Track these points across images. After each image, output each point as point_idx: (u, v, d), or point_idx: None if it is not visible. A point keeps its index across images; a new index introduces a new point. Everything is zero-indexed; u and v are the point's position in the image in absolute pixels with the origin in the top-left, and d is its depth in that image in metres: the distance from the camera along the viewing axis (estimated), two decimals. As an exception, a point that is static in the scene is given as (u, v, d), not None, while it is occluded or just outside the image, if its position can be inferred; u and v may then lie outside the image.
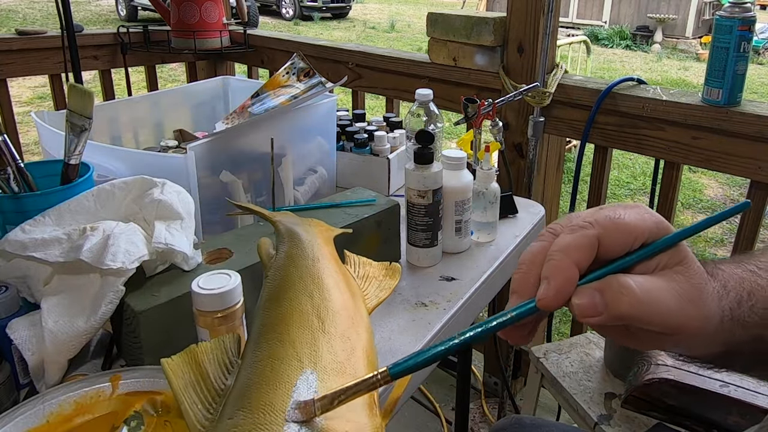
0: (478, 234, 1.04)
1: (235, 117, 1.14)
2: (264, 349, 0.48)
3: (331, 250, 0.69)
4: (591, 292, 0.37)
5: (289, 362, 0.46)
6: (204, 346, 0.48)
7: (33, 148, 4.30)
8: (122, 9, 10.62)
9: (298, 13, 12.13)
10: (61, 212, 0.70)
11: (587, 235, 0.38)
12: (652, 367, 1.10)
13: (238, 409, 0.42)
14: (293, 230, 0.71)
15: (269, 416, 0.40)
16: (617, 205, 0.41)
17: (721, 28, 1.22)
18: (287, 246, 0.67)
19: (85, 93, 0.79)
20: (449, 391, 1.89)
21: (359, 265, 0.69)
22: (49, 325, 0.63)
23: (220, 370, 0.47)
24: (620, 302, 0.37)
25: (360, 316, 0.56)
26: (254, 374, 0.45)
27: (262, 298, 0.58)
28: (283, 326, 0.50)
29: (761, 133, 1.22)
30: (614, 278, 0.38)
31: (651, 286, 0.38)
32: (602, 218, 0.39)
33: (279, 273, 0.60)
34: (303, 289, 0.56)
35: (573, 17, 11.90)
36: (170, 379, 0.45)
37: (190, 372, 0.46)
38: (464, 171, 0.96)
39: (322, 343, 0.49)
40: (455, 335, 0.39)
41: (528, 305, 0.39)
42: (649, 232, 0.39)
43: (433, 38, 1.71)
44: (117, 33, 2.22)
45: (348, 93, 2.98)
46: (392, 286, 0.66)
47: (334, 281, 0.60)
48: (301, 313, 0.52)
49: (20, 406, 0.56)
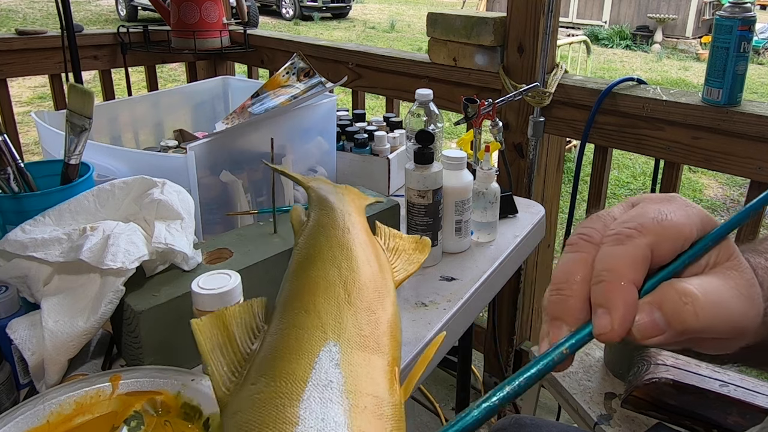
0: (478, 234, 1.04)
1: (235, 117, 1.14)
2: (289, 318, 0.48)
3: (363, 220, 0.69)
4: (648, 308, 0.32)
5: (313, 332, 0.46)
6: (233, 309, 0.49)
7: (33, 148, 4.30)
8: (122, 9, 10.62)
9: (298, 13, 12.13)
10: (61, 212, 0.70)
11: (639, 245, 0.33)
12: (652, 367, 1.10)
13: (261, 376, 0.42)
14: (326, 198, 0.71)
15: (290, 386, 0.40)
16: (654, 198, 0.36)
17: (721, 28, 1.22)
18: (319, 214, 0.67)
19: (85, 93, 0.79)
20: (449, 391, 1.89)
21: (389, 237, 0.69)
22: (49, 325, 0.63)
23: (246, 334, 0.48)
24: (683, 314, 0.32)
25: (387, 290, 0.56)
26: (278, 342, 0.45)
27: (290, 265, 0.58)
28: (309, 296, 0.51)
29: (761, 133, 1.22)
30: (671, 287, 0.33)
31: (712, 288, 0.33)
32: (649, 222, 0.33)
33: (309, 241, 0.61)
34: (331, 259, 0.57)
35: (573, 17, 11.89)
36: (199, 340, 0.45)
37: (218, 334, 0.46)
38: (464, 171, 0.96)
39: (347, 315, 0.49)
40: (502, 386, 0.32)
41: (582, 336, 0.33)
42: (697, 228, 0.35)
43: (433, 38, 1.71)
44: (117, 33, 2.22)
45: (348, 93, 2.98)
46: (421, 260, 0.66)
47: (363, 253, 0.60)
48: (328, 283, 0.53)
49: (20, 406, 0.56)
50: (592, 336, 0.33)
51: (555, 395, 1.32)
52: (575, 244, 0.35)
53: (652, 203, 0.35)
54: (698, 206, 0.36)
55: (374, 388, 0.43)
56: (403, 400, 0.44)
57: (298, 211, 0.70)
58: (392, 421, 0.41)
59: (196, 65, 2.47)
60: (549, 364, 0.32)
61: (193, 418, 0.58)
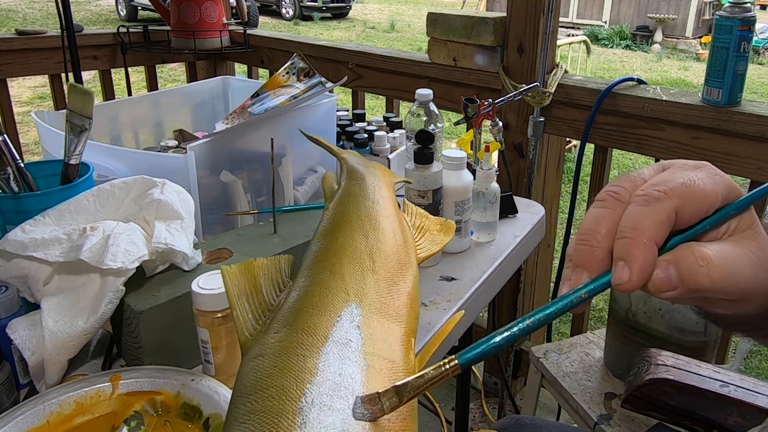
0: (478, 234, 1.04)
1: (235, 117, 1.14)
2: (315, 277, 0.50)
3: (392, 195, 0.71)
4: (665, 265, 0.35)
5: (336, 293, 0.47)
6: (261, 261, 0.51)
7: (33, 148, 4.30)
8: (122, 9, 10.61)
9: (298, 13, 12.12)
10: (61, 212, 0.70)
11: (664, 209, 0.35)
12: (652, 367, 1.10)
13: (284, 326, 0.43)
14: (358, 169, 0.73)
15: (312, 339, 0.42)
16: (684, 164, 0.38)
17: (721, 28, 1.22)
18: (350, 183, 0.69)
19: (85, 93, 0.79)
20: (449, 391, 1.89)
21: (416, 215, 0.71)
22: (49, 325, 0.63)
23: (272, 286, 0.49)
24: (697, 274, 0.34)
25: (410, 264, 0.58)
26: (303, 298, 0.47)
27: (319, 228, 0.60)
28: (335, 258, 0.52)
29: (761, 133, 1.22)
30: (689, 249, 0.35)
31: (727, 254, 0.35)
32: (677, 187, 0.35)
33: (339, 208, 0.63)
34: (359, 227, 0.59)
35: (573, 17, 11.89)
36: (227, 285, 0.47)
37: (245, 282, 0.48)
38: (464, 171, 0.96)
39: (370, 282, 0.51)
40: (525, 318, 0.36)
41: (601, 283, 0.36)
42: (722, 196, 0.36)
43: (433, 38, 1.71)
44: (117, 33, 2.22)
45: (348, 93, 2.98)
46: (444, 242, 0.68)
47: (389, 225, 0.62)
48: (355, 249, 0.54)
49: (20, 406, 0.56)
50: (609, 285, 0.35)
51: (555, 395, 1.32)
52: (604, 200, 0.37)
53: (683, 169, 0.37)
54: (726, 176, 0.38)
55: (390, 353, 0.44)
56: (416, 370, 0.45)
57: (331, 177, 0.73)
58: None
59: (196, 65, 2.47)
60: (568, 304, 0.35)
61: (193, 418, 0.58)
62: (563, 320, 2.55)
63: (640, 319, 1.23)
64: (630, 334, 1.26)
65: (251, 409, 0.37)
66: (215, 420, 0.56)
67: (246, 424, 0.36)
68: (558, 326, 2.54)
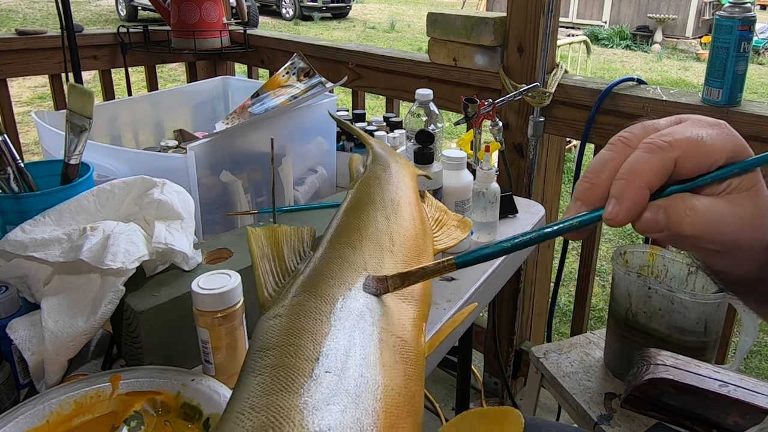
0: (478, 234, 1.04)
1: (235, 117, 1.14)
2: (335, 249, 0.51)
3: (414, 184, 0.73)
4: (656, 209, 0.37)
5: (355, 267, 0.49)
6: (285, 228, 0.53)
7: (33, 148, 4.30)
8: (122, 9, 10.61)
9: (298, 13, 12.12)
10: (61, 212, 0.70)
11: (665, 158, 0.37)
12: (652, 367, 1.10)
13: (303, 291, 0.45)
14: (385, 156, 0.76)
15: (329, 306, 0.43)
16: (700, 120, 0.39)
17: (721, 28, 1.22)
18: (376, 167, 0.72)
19: (85, 93, 0.79)
20: (449, 391, 1.89)
21: (435, 209, 0.73)
22: (49, 325, 0.63)
23: (294, 254, 0.51)
24: (683, 222, 0.37)
25: (427, 252, 0.60)
26: (323, 268, 0.48)
27: (342, 204, 0.61)
28: (357, 234, 0.54)
29: (761, 133, 1.22)
30: (681, 198, 0.37)
31: (715, 208, 0.37)
32: (683, 139, 0.37)
33: (363, 188, 0.65)
34: (382, 209, 0.60)
35: (573, 17, 11.89)
36: (251, 245, 0.49)
37: (269, 246, 0.50)
38: (464, 171, 0.96)
39: (388, 261, 0.52)
40: (518, 235, 0.40)
41: (593, 216, 0.38)
42: (727, 154, 0.38)
43: (433, 38, 1.71)
44: (117, 33, 2.22)
45: (348, 93, 2.98)
46: (461, 238, 0.69)
47: (410, 213, 0.63)
48: (377, 229, 0.56)
49: (20, 406, 0.56)
50: (601, 218, 0.38)
51: (555, 395, 1.32)
52: (614, 144, 0.40)
53: (696, 125, 0.39)
54: (739, 137, 0.39)
55: (402, 332, 0.45)
56: (426, 354, 0.47)
57: (357, 160, 0.76)
58: (414, 367, 0.43)
59: (196, 65, 2.47)
60: (562, 228, 0.39)
61: (193, 418, 0.58)
62: (563, 320, 2.55)
63: (640, 319, 1.23)
64: (630, 334, 1.26)
65: (268, 363, 0.38)
66: (215, 420, 0.56)
67: (262, 375, 0.37)
68: (558, 326, 2.54)
